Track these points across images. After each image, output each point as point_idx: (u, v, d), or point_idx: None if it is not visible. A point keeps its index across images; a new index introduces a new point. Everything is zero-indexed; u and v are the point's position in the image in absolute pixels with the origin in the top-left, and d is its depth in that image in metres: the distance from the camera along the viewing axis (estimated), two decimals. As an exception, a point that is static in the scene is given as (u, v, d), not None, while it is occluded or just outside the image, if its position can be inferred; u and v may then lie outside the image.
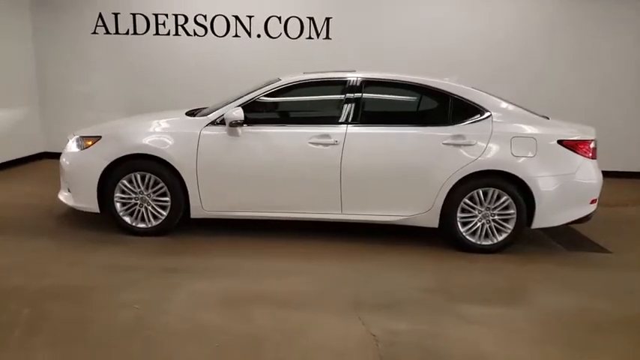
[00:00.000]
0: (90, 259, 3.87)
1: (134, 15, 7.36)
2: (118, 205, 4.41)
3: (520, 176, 4.22)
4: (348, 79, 4.45)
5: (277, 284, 3.54)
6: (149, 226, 4.43)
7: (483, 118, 4.35)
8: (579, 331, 3.03)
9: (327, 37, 7.34)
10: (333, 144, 4.26)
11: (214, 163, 4.30)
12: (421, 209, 4.34)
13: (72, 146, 4.52)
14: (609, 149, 7.28)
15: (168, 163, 4.29)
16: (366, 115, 4.40)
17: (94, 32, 7.43)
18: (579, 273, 4.00)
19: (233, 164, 4.31)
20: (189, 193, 4.34)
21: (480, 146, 4.25)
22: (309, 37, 7.35)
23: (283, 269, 3.85)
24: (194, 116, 4.55)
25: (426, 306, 3.28)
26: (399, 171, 4.29)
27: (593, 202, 4.41)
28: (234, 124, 4.24)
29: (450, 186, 4.27)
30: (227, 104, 4.43)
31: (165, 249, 4.16)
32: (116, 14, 7.36)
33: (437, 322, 3.07)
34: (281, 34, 7.35)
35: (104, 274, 3.60)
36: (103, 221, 4.60)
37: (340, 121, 4.35)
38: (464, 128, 4.32)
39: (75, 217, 4.81)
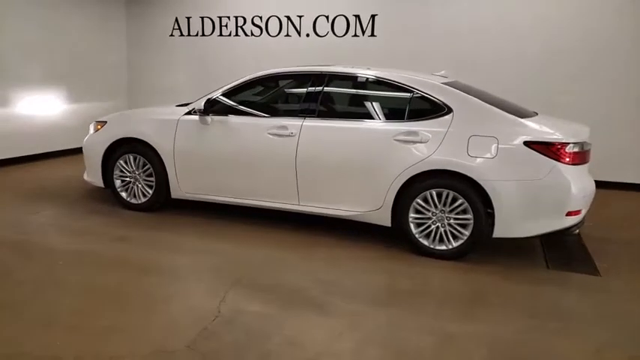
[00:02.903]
0: (71, 224, 4.60)
1: (202, 18, 8.20)
2: (117, 182, 5.10)
3: (475, 178, 3.89)
4: (312, 73, 4.53)
5: (187, 259, 3.89)
6: (139, 202, 5.03)
7: (442, 115, 4.08)
8: (427, 337, 2.79)
9: (373, 35, 7.31)
10: (289, 136, 4.39)
11: (188, 148, 4.73)
12: (372, 206, 4.24)
13: (90, 129, 5.35)
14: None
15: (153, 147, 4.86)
16: (324, 109, 4.44)
17: (171, 35, 8.46)
18: (526, 291, 3.54)
19: (203, 150, 4.68)
20: (169, 174, 4.84)
21: (433, 144, 4.01)
22: (355, 35, 7.40)
23: (207, 248, 4.13)
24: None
25: (300, 295, 3.30)
26: (349, 166, 4.25)
27: (571, 214, 3.85)
28: (199, 113, 4.63)
29: (400, 184, 4.10)
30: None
31: (137, 222, 4.72)
32: (188, 18, 8.28)
33: (294, 310, 3.08)
34: (328, 32, 7.53)
35: (67, 237, 4.29)
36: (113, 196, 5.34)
37: (299, 113, 4.45)
38: (419, 124, 4.10)
39: (97, 192, 5.62)
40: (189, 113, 4.77)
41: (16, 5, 6.87)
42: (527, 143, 3.83)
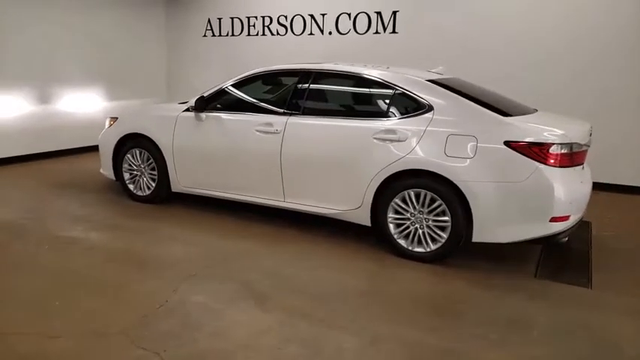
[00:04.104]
0: (75, 212, 4.90)
1: (232, 19, 8.42)
2: (126, 174, 5.37)
3: (451, 179, 3.74)
4: (299, 70, 4.54)
5: (164, 249, 4.04)
6: (144, 194, 5.28)
7: (422, 113, 3.96)
8: (353, 338, 2.72)
9: (394, 32, 7.17)
10: (274, 132, 4.43)
11: (185, 143, 4.89)
12: (353, 205, 4.19)
13: (106, 125, 5.67)
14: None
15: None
16: (308, 106, 4.42)
17: (204, 35, 8.76)
18: (494, 299, 3.36)
19: (198, 146, 4.83)
20: (168, 168, 5.03)
21: (411, 143, 3.90)
22: (376, 32, 7.29)
23: (189, 239, 4.27)
24: (188, 104, 5.22)
25: (251, 288, 3.34)
26: (331, 164, 4.22)
27: (556, 220, 3.60)
28: (192, 109, 4.79)
29: (378, 183, 4.02)
30: (206, 93, 4.98)
31: (137, 212, 4.95)
32: (220, 19, 8.54)
33: (237, 303, 3.15)
34: (350, 30, 7.47)
35: (66, 223, 4.57)
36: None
37: (284, 111, 4.47)
38: (399, 123, 4.01)
39: (114, 184, 5.91)
40: (187, 110, 4.94)
41: (60, 9, 7.40)
42: (507, 143, 3.63)
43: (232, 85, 4.81)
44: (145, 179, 5.25)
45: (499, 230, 3.71)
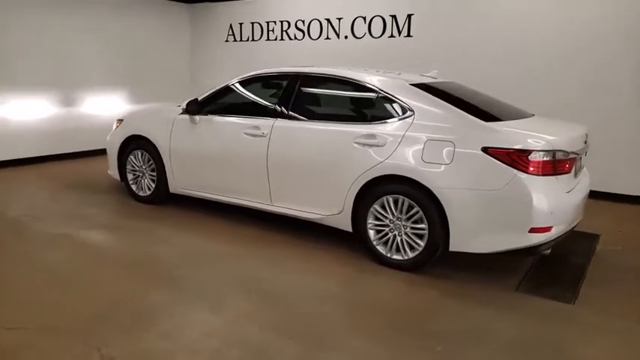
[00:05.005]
0: (74, 211, 5.08)
1: (252, 24, 8.54)
2: (130, 175, 5.55)
3: (426, 185, 3.63)
4: (287, 74, 4.55)
5: (150, 249, 4.14)
6: (145, 195, 5.43)
7: (403, 118, 3.87)
8: (296, 345, 2.67)
9: (409, 35, 7.05)
10: (261, 136, 4.45)
11: (181, 145, 4.99)
12: (334, 210, 4.14)
13: (113, 127, 5.88)
14: None
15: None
16: (294, 110, 4.41)
17: (226, 40, 8.94)
18: (459, 311, 3.23)
19: (192, 148, 4.93)
20: (167, 170, 5.16)
21: (389, 148, 3.81)
22: (391, 36, 7.19)
23: (177, 241, 4.35)
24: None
25: (214, 290, 3.37)
26: (314, 168, 4.20)
27: (536, 231, 3.42)
28: (184, 112, 4.90)
29: (358, 188, 3.96)
30: (202, 96, 5.07)
31: (135, 212, 5.11)
32: (241, 24, 8.69)
33: (196, 304, 3.18)
34: (365, 34, 7.41)
35: (63, 221, 4.75)
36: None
37: (271, 114, 4.48)
38: (379, 127, 3.93)
39: (122, 184, 6.10)
40: (183, 112, 5.05)
41: (84, 14, 7.77)
42: (485, 149, 3.48)
43: (225, 89, 4.88)
44: (146, 180, 5.40)
45: (476, 240, 3.56)
